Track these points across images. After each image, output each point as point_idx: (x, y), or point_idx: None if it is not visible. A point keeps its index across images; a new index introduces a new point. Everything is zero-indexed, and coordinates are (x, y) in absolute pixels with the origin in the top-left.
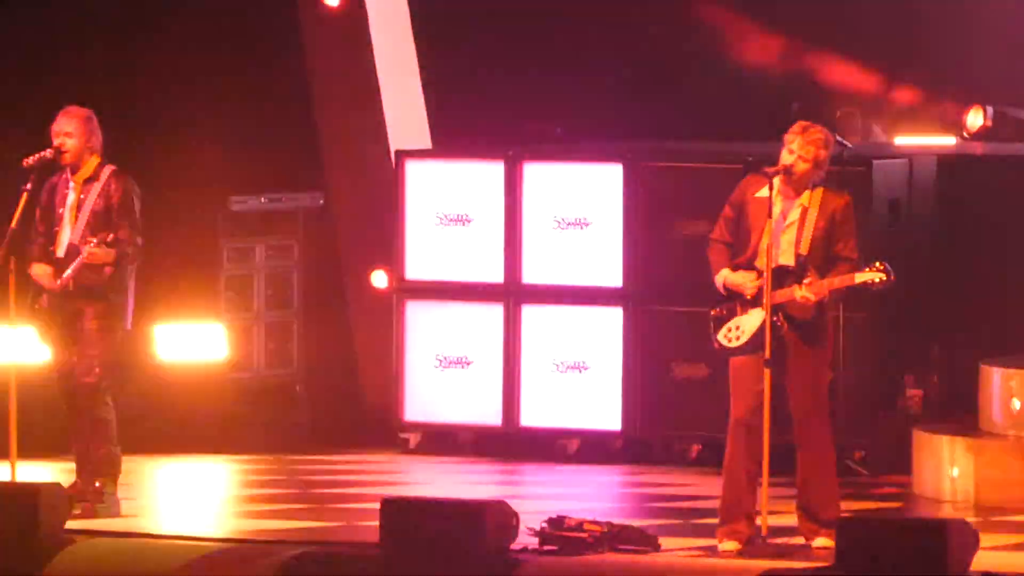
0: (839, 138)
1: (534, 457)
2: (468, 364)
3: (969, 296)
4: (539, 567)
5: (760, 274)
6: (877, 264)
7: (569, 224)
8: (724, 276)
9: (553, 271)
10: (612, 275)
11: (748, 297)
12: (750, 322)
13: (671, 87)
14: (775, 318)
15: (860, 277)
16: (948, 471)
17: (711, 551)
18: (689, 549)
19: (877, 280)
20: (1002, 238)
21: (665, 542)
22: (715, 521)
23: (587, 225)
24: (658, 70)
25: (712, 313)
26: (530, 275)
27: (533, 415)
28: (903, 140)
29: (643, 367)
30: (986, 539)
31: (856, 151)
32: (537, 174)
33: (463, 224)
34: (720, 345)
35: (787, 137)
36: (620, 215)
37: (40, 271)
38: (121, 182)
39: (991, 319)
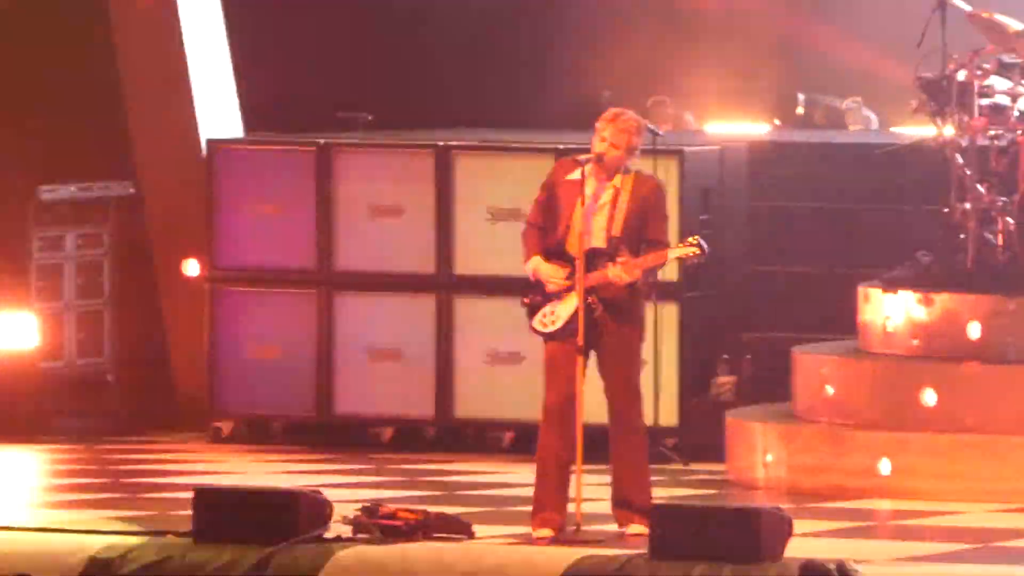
0: (650, 125)
1: (348, 446)
2: (279, 352)
3: (782, 282)
4: (354, 555)
5: (571, 262)
6: (690, 239)
7: (382, 212)
8: (535, 264)
9: (369, 258)
10: (425, 262)
11: (551, 291)
12: (564, 307)
13: (488, 76)
14: (589, 300)
15: (673, 252)
16: (761, 458)
17: (525, 539)
18: (503, 537)
19: (691, 254)
20: (814, 224)
21: (479, 530)
22: (529, 509)
23: (402, 213)
24: (475, 58)
25: (525, 300)
26: (344, 261)
27: (347, 403)
28: (715, 128)
29: (458, 354)
30: (799, 526)
31: (668, 139)
32: (349, 162)
33: (274, 211)
34: (535, 331)
35: (598, 124)
36: (432, 202)
37: None
38: None
39: (804, 305)
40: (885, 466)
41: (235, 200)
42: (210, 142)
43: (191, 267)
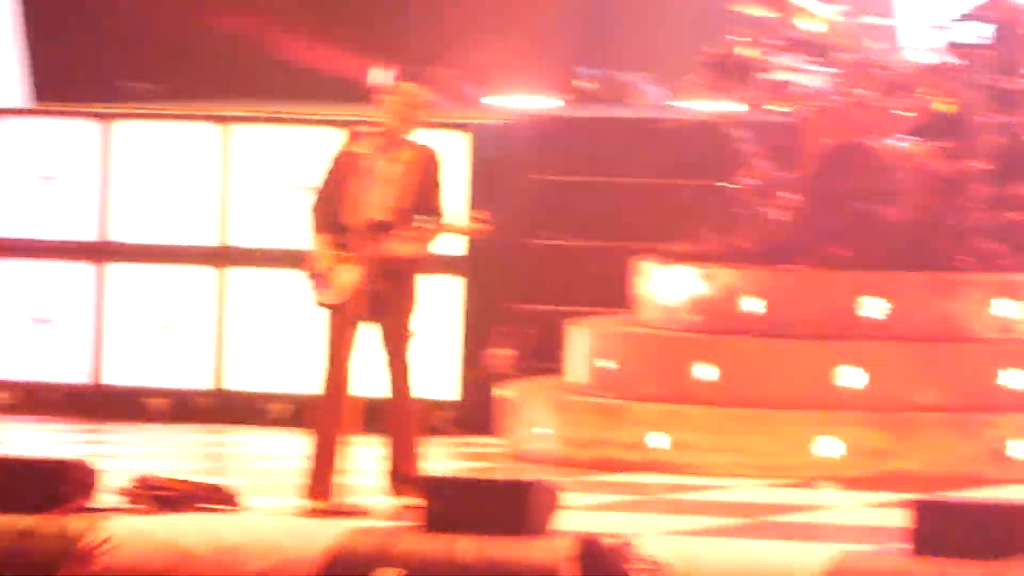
0: (436, 98)
1: (122, 416)
2: (54, 322)
3: (564, 256)
4: (122, 525)
5: (355, 234)
6: (476, 213)
7: (162, 183)
8: (318, 240)
9: (144, 229)
10: (200, 233)
11: (326, 268)
12: (345, 278)
13: (273, 47)
14: (371, 271)
15: (458, 226)
16: (536, 431)
17: (298, 510)
18: (276, 509)
19: (475, 228)
20: (598, 199)
21: (251, 500)
22: (302, 480)
23: (179, 183)
24: (261, 30)
25: (307, 270)
26: (118, 233)
27: (121, 373)
28: (501, 101)
29: (235, 326)
30: (573, 499)
31: (453, 112)
32: (130, 133)
33: (55, 182)
34: (316, 302)
35: (382, 97)
36: (218, 174)
37: None
38: None
39: (588, 279)
40: (659, 439)
41: (16, 169)
42: None
43: None
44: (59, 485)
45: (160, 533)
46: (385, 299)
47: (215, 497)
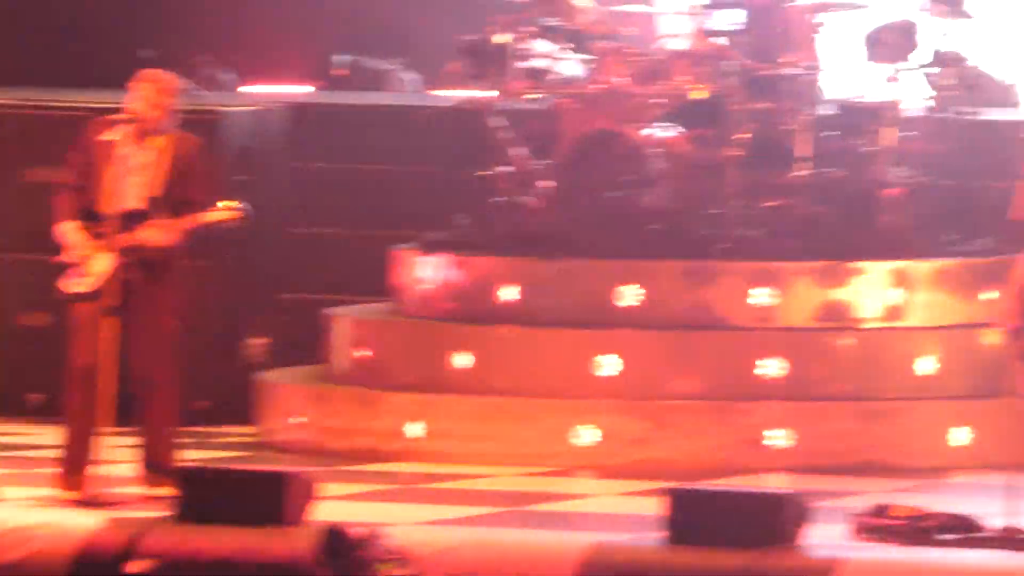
0: (190, 85)
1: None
2: None
3: (320, 245)
4: None
5: (106, 221)
6: (230, 201)
7: None
8: (66, 229)
9: None
10: None
11: (76, 259)
12: (97, 267)
13: (28, 35)
14: (123, 261)
15: (212, 215)
16: (292, 420)
17: (53, 501)
18: (30, 499)
19: (230, 217)
20: (354, 187)
21: (5, 491)
22: (57, 470)
23: None
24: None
25: (55, 260)
26: None
27: None
28: (256, 89)
29: None
30: (331, 489)
31: (207, 99)
32: None
33: None
34: (66, 292)
35: (135, 85)
36: None
37: None
38: None
39: (343, 268)
40: (417, 429)
41: None
42: None
43: None
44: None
45: None
46: (139, 289)
47: None
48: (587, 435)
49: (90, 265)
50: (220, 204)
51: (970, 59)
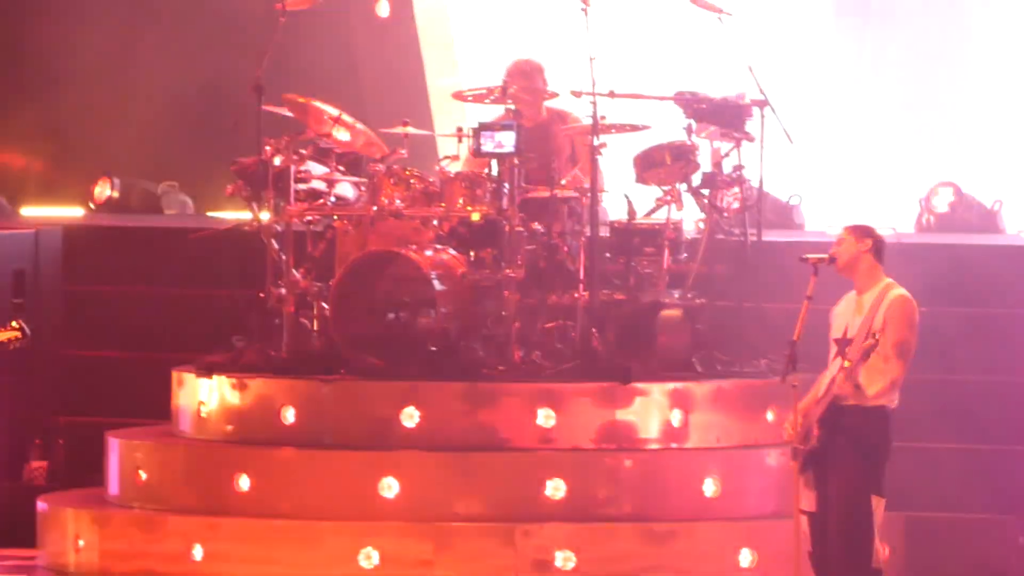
0: None
1: None
2: None
3: (98, 366)
4: None
5: None
6: (12, 323)
7: None
8: None
9: None
10: None
11: None
12: None
13: None
14: None
15: None
16: (74, 543)
17: None
18: None
19: (11, 338)
20: (131, 308)
21: None
22: None
23: None
24: None
25: None
26: None
27: None
28: (30, 211)
29: None
30: None
31: None
32: None
33: None
34: None
35: None
36: None
37: None
38: None
39: (120, 389)
40: (198, 552)
41: None
42: None
43: None
44: None
45: None
46: None
47: None
48: (370, 557)
49: None
50: (1, 327)
51: (751, 180)
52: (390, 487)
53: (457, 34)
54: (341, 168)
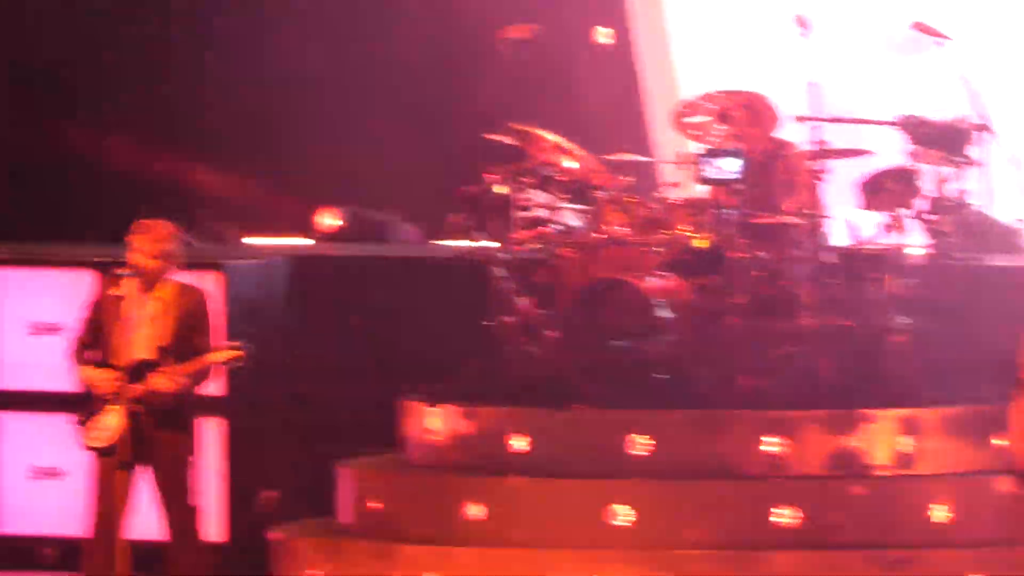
0: (187, 235)
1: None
2: None
3: (328, 397)
4: None
5: (119, 372)
6: (231, 343)
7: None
8: (85, 374)
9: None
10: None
11: (104, 394)
12: (111, 421)
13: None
14: (136, 409)
15: (213, 357)
16: (306, 573)
17: None
18: None
19: (231, 358)
20: (360, 339)
21: None
22: None
23: None
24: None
25: (77, 416)
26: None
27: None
28: (256, 241)
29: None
30: None
31: (208, 251)
32: None
33: None
34: (85, 447)
35: (131, 237)
36: None
37: None
38: None
39: (350, 419)
40: None
41: None
42: None
43: None
44: None
45: None
46: (154, 440)
47: None
48: None
49: (104, 418)
50: (221, 348)
51: (973, 204)
52: (620, 515)
53: (678, 59)
54: (564, 195)
